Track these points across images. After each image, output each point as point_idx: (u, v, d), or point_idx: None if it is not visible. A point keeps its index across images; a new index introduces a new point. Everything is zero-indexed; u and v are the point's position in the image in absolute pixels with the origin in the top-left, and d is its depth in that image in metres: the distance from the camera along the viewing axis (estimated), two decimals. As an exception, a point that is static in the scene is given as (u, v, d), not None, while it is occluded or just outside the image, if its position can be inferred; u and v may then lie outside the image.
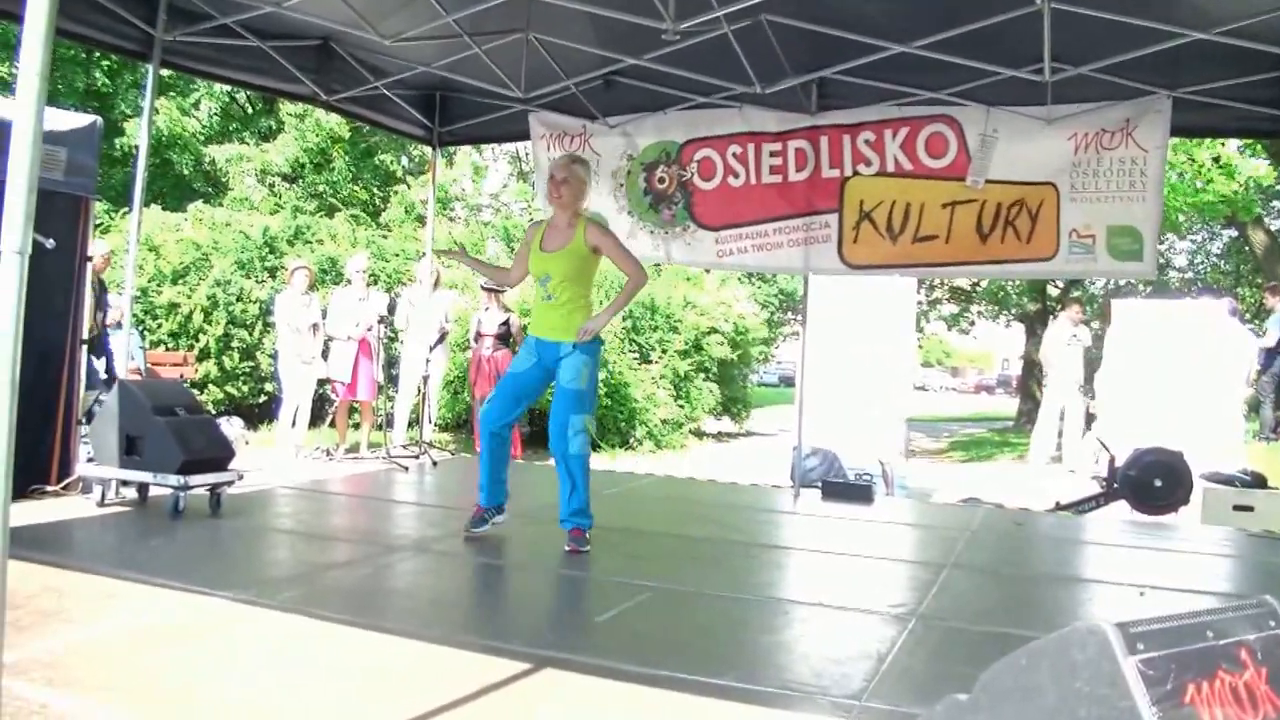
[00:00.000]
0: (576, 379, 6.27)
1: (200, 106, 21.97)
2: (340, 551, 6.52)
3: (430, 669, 4.11)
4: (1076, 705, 1.45)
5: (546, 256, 6.39)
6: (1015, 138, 8.45)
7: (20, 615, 4.49)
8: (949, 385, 73.32)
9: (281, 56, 8.78)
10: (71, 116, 7.61)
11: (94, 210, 8.14)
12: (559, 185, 6.40)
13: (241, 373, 15.11)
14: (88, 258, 7.85)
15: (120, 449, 7.04)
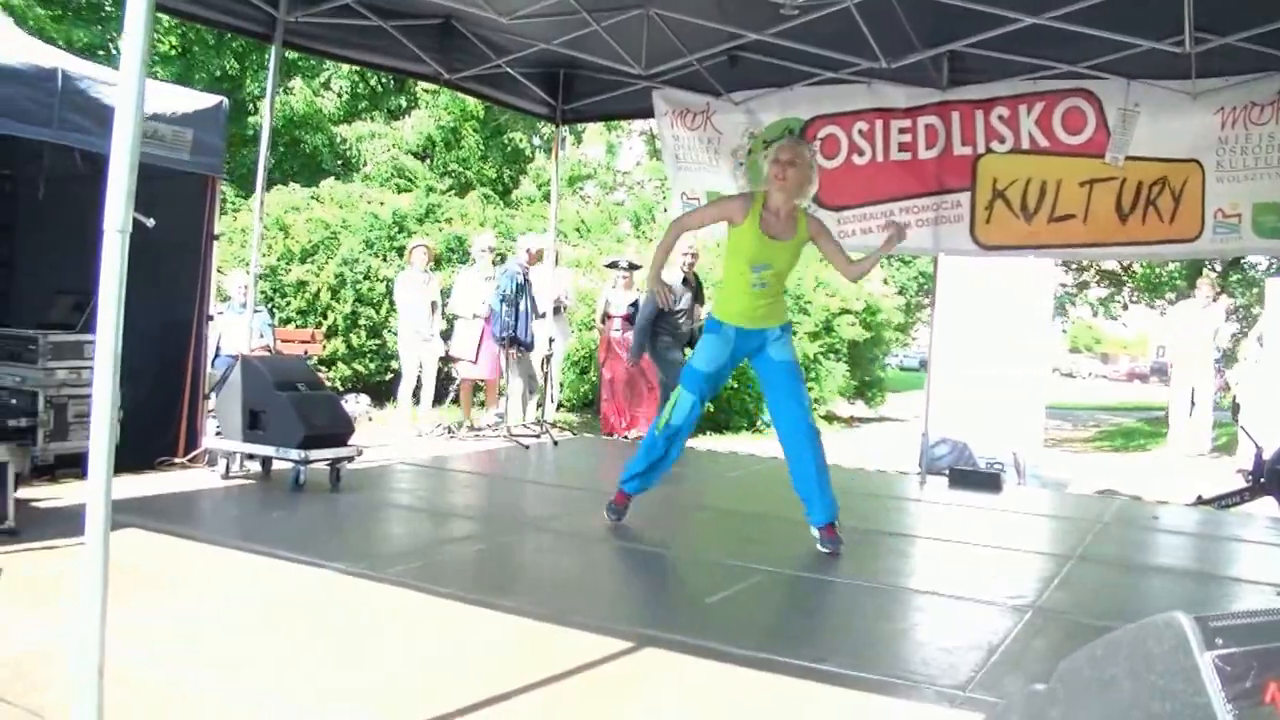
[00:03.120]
0: (794, 355, 6.12)
1: (331, 86, 22.33)
2: (456, 528, 6.60)
3: (537, 646, 4.12)
4: (1151, 699, 1.39)
5: (774, 245, 5.96)
6: (1158, 112, 8.09)
7: (144, 582, 4.64)
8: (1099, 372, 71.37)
9: (403, 36, 8.88)
10: (198, 97, 7.77)
11: (220, 190, 8.31)
12: (785, 167, 5.91)
13: (368, 350, 15.35)
14: (214, 236, 8.02)
15: (244, 423, 7.21)
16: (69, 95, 6.65)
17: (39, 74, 6.58)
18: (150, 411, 7.28)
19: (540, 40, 9.07)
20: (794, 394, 6.02)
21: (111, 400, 2.62)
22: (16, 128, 6.51)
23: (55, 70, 6.68)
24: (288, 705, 3.39)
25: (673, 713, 3.57)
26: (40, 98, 6.54)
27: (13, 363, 7.01)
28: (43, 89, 6.55)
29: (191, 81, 18.84)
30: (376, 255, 15.93)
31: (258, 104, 20.18)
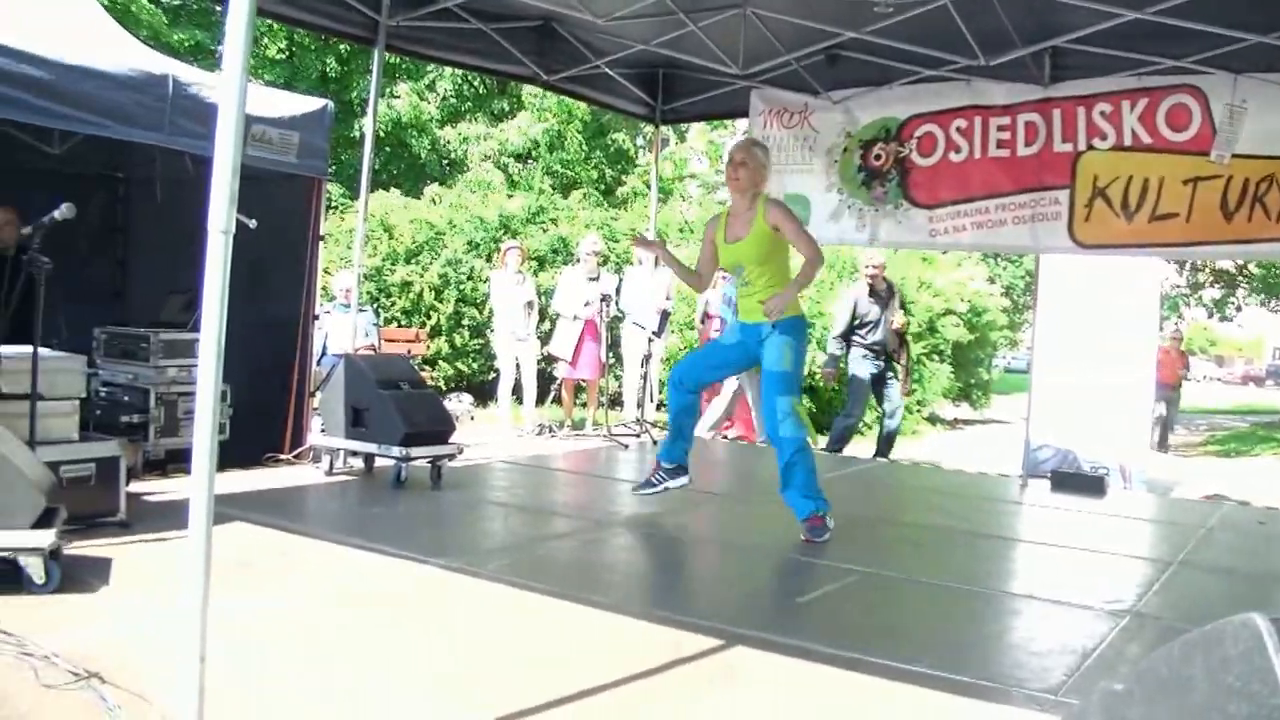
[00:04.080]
0: (780, 361, 6.07)
1: (435, 89, 22.62)
2: (552, 525, 6.67)
3: (629, 642, 4.16)
4: (1227, 701, 1.37)
5: (733, 248, 6.18)
6: (1266, 109, 7.86)
7: (249, 573, 4.78)
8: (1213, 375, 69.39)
9: (503, 38, 8.99)
10: (304, 101, 7.94)
11: (326, 191, 8.49)
12: (737, 168, 6.16)
13: (471, 350, 15.54)
14: (320, 237, 8.20)
15: (348, 421, 7.35)
16: (179, 100, 6.84)
17: (150, 80, 6.78)
18: (257, 409, 7.45)
19: (638, 41, 9.12)
20: (766, 401, 6.17)
21: (215, 394, 2.70)
22: (130, 133, 6.72)
23: (166, 76, 6.87)
24: (382, 693, 3.47)
25: (763, 710, 3.58)
26: (152, 103, 6.73)
27: (126, 360, 7.25)
28: (154, 94, 6.75)
29: (297, 84, 19.25)
30: (480, 256, 16.11)
31: (362, 107, 20.51)
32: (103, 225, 8.45)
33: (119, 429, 6.67)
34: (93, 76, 6.45)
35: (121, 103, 6.58)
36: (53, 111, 6.31)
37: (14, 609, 4.05)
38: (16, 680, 3.38)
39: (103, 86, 6.49)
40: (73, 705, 3.21)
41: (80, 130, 6.67)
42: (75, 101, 6.35)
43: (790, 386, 6.10)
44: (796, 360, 6.16)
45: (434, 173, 22.31)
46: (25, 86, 6.12)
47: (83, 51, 6.52)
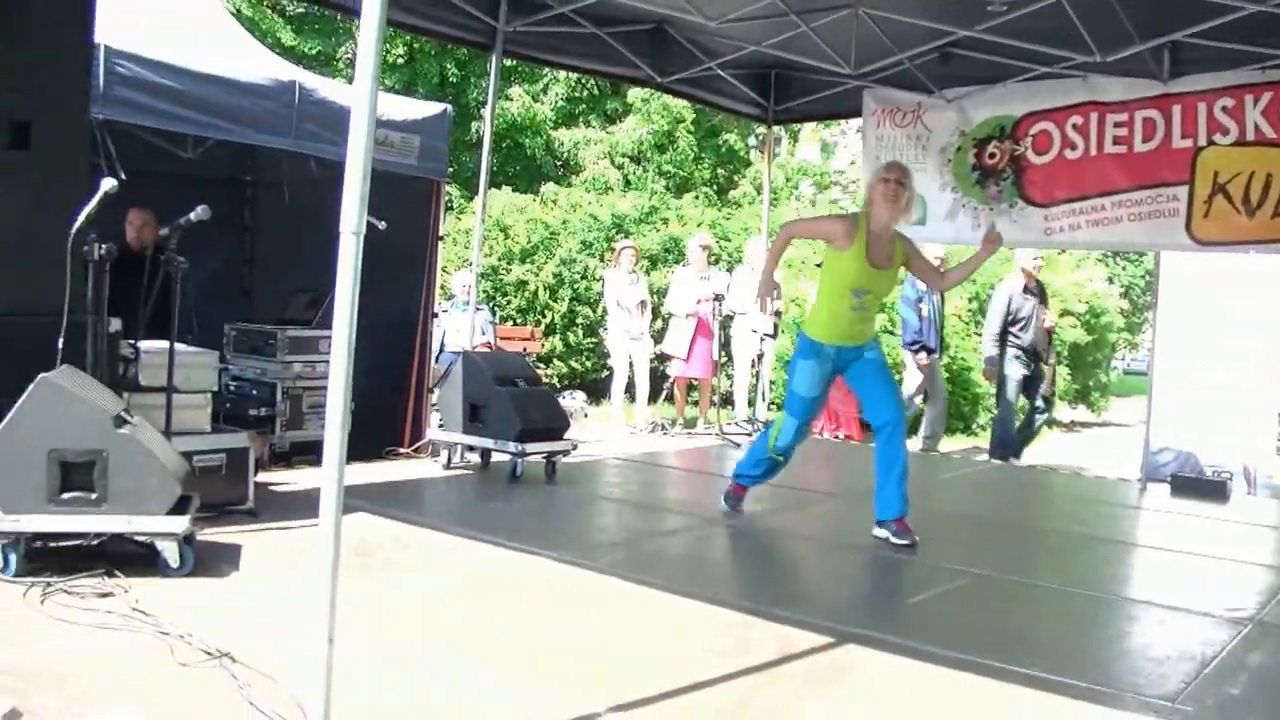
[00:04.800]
0: (882, 354, 6.16)
1: (548, 92, 22.84)
2: (663, 521, 6.77)
3: (739, 637, 4.22)
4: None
5: (877, 274, 5.96)
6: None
7: (369, 562, 4.95)
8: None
9: (617, 42, 9.10)
10: (425, 105, 8.15)
11: (445, 193, 8.69)
12: (898, 187, 5.89)
13: (585, 348, 15.67)
14: (439, 237, 8.40)
15: (465, 416, 7.52)
16: (305, 106, 7.09)
17: (278, 87, 7.03)
18: (378, 404, 7.67)
19: (750, 42, 9.17)
20: (887, 381, 6.12)
21: (345, 390, 2.82)
22: (259, 137, 6.99)
23: (293, 83, 7.12)
24: (497, 680, 3.59)
25: (872, 710, 3.62)
26: (279, 109, 6.99)
27: (254, 356, 7.52)
28: (281, 101, 7.01)
29: (416, 89, 19.60)
30: (594, 256, 16.26)
31: (479, 110, 20.80)
32: (232, 226, 8.74)
33: (247, 422, 6.92)
34: (225, 84, 6.73)
35: (251, 109, 6.85)
36: (187, 118, 6.61)
37: (151, 591, 4.27)
38: (154, 658, 3.57)
39: (234, 94, 6.76)
40: (205, 682, 3.38)
41: (212, 135, 6.96)
42: (208, 108, 6.63)
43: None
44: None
45: (548, 173, 22.53)
46: (163, 95, 6.41)
47: (216, 61, 6.80)
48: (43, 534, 4.47)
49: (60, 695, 3.20)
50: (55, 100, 5.01)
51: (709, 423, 11.22)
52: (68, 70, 5.12)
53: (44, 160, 4.94)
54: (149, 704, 3.19)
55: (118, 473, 4.43)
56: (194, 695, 3.28)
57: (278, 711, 3.12)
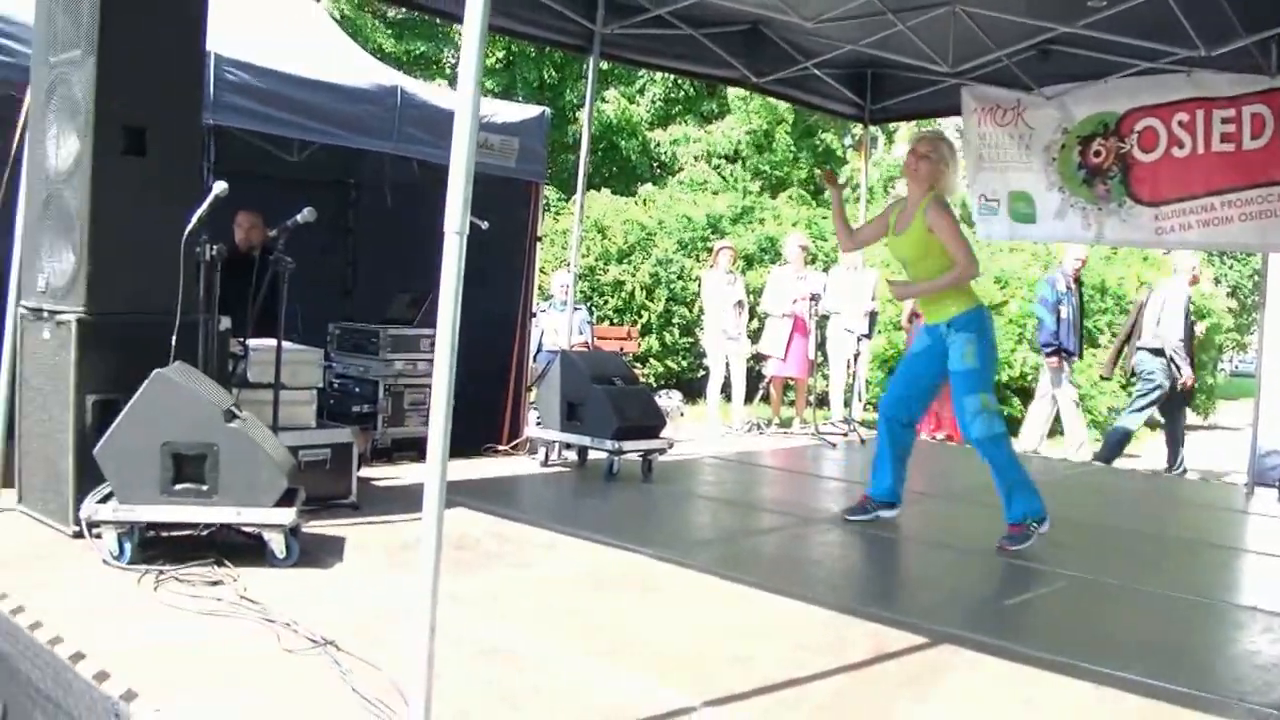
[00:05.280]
0: (962, 358, 5.87)
1: (645, 93, 22.93)
2: (759, 520, 6.79)
3: (833, 635, 4.23)
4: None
5: (896, 240, 6.09)
6: None
7: (468, 556, 5.05)
8: None
9: (712, 43, 9.14)
10: (523, 108, 8.27)
11: (543, 194, 8.80)
12: (918, 159, 5.94)
13: (681, 348, 15.74)
14: (537, 238, 8.52)
15: (562, 414, 7.62)
16: (407, 110, 7.26)
17: (381, 92, 7.20)
18: (478, 402, 7.79)
19: (846, 41, 9.15)
20: (955, 403, 5.96)
21: (448, 386, 2.90)
22: (362, 141, 7.17)
23: (395, 88, 7.28)
24: (592, 669, 3.65)
25: (967, 710, 3.60)
26: (382, 113, 7.17)
27: (357, 354, 7.70)
28: (384, 105, 7.18)
29: (515, 91, 19.80)
30: (690, 256, 16.31)
31: (576, 112, 20.95)
32: (335, 228, 8.94)
33: (350, 418, 7.09)
34: (329, 90, 6.91)
35: (355, 113, 7.02)
36: (293, 123, 6.80)
37: (258, 580, 4.40)
38: (261, 644, 3.68)
39: (338, 99, 6.94)
40: (309, 669, 3.47)
41: (317, 140, 7.14)
42: (313, 113, 6.82)
43: (976, 384, 5.89)
44: (982, 355, 5.90)
45: (644, 174, 22.63)
46: (270, 101, 6.61)
47: (321, 67, 6.98)
48: (156, 524, 4.63)
49: (173, 679, 3.31)
50: (169, 107, 5.17)
51: (805, 423, 11.20)
52: (181, 78, 5.28)
53: (159, 165, 5.11)
54: (257, 688, 3.29)
55: (228, 465, 4.58)
56: (299, 681, 3.38)
57: (380, 698, 3.21)
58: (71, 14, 5.04)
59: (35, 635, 3.64)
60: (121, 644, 3.59)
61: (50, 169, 5.19)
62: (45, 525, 5.13)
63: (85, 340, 4.92)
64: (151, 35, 5.05)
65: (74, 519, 4.81)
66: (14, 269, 5.54)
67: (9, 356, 5.51)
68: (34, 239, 5.33)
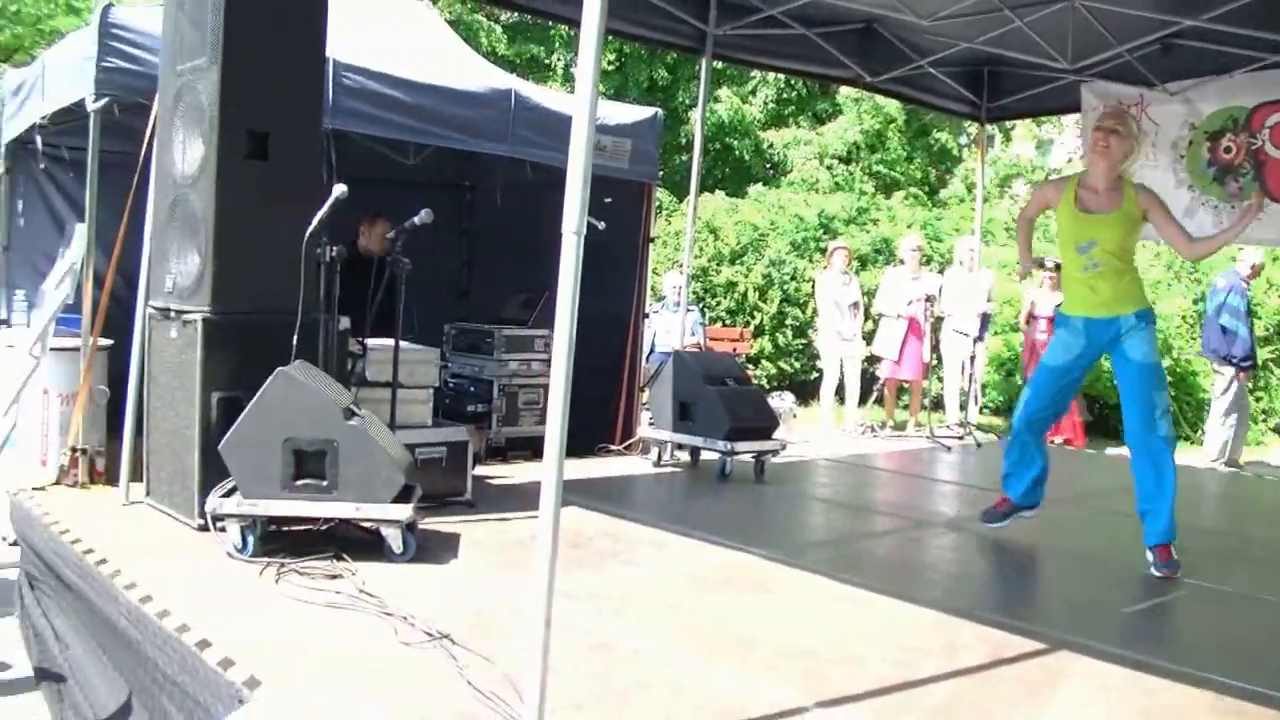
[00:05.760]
0: (1152, 353, 5.50)
1: (757, 94, 22.86)
2: (871, 522, 6.76)
3: (947, 640, 4.19)
4: None
5: (1091, 219, 5.50)
6: None
7: (581, 554, 5.09)
8: None
9: (825, 42, 9.10)
10: (636, 110, 8.30)
11: (655, 196, 8.84)
12: (1108, 135, 5.51)
13: (794, 349, 15.68)
14: (650, 239, 8.55)
15: (675, 415, 7.63)
16: (521, 113, 7.34)
17: (496, 95, 7.29)
18: (591, 402, 7.83)
19: (962, 39, 9.04)
20: (1136, 399, 5.48)
21: (566, 385, 2.93)
22: (477, 144, 7.26)
23: (509, 91, 7.37)
24: (703, 667, 3.66)
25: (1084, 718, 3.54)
26: (496, 116, 7.25)
27: (472, 354, 7.81)
28: (498, 109, 7.26)
29: (627, 93, 19.88)
30: (803, 257, 16.24)
31: (688, 113, 20.98)
32: (450, 229, 9.05)
33: (465, 417, 7.18)
34: (444, 94, 7.01)
35: (470, 117, 7.12)
36: (410, 126, 6.92)
37: (375, 574, 4.48)
38: (378, 637, 3.76)
39: (453, 102, 7.04)
40: (425, 661, 3.54)
41: (433, 143, 7.24)
42: (429, 117, 6.93)
43: (1162, 380, 5.57)
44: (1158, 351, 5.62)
45: (757, 175, 22.56)
46: (387, 105, 6.73)
47: (436, 71, 7.09)
48: (277, 518, 4.75)
49: (294, 668, 3.40)
50: (291, 112, 5.29)
51: (919, 426, 11.08)
52: (302, 84, 5.41)
53: (280, 169, 5.23)
54: (374, 679, 3.36)
55: (347, 462, 4.67)
56: (415, 673, 3.44)
57: (494, 691, 3.25)
58: (197, 24, 5.19)
59: (163, 623, 3.76)
60: (245, 633, 3.70)
61: (177, 173, 5.34)
62: (172, 518, 5.30)
63: (210, 339, 5.07)
64: (273, 43, 5.18)
65: (199, 512, 4.97)
66: (143, 270, 5.73)
67: (138, 355, 5.70)
68: (162, 241, 5.50)
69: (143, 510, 5.54)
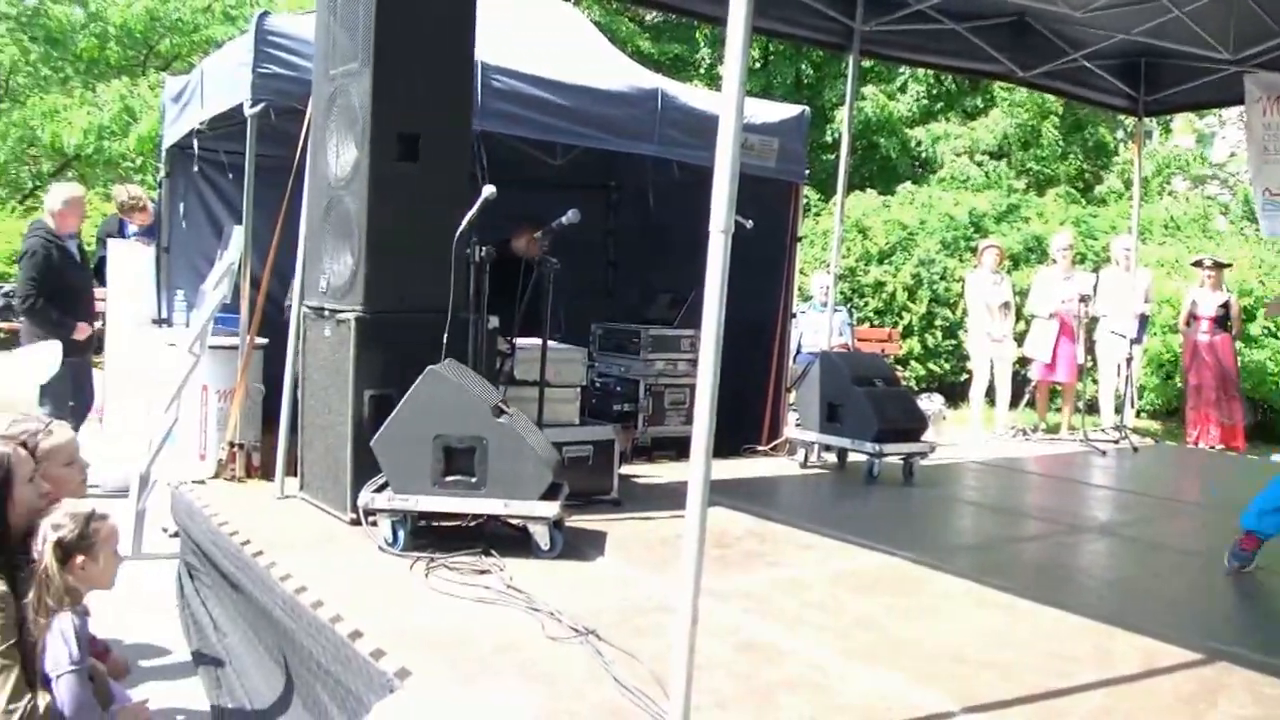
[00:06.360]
0: None
1: (906, 90, 22.56)
2: (1022, 526, 6.62)
3: (1097, 646, 4.08)
4: None
5: None
6: None
7: (728, 554, 5.08)
8: None
9: (975, 36, 8.92)
10: (783, 108, 8.26)
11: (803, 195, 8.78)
12: None
13: (943, 350, 15.44)
14: (797, 239, 8.50)
15: (822, 416, 7.56)
16: (667, 112, 7.35)
17: (642, 95, 7.32)
18: (737, 402, 7.82)
19: (1117, 30, 8.78)
20: None
21: (713, 384, 2.91)
22: (624, 144, 7.29)
23: (655, 91, 7.38)
24: (849, 668, 3.62)
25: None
26: (643, 116, 7.28)
27: (618, 354, 7.85)
28: (645, 108, 7.29)
29: (773, 91, 19.79)
30: (953, 256, 15.98)
31: (834, 111, 20.77)
32: (596, 229, 9.11)
33: (612, 416, 7.22)
34: (591, 94, 7.06)
35: (616, 117, 7.15)
36: (557, 127, 6.97)
37: (523, 570, 4.53)
38: (526, 631, 3.80)
39: (599, 102, 7.09)
40: (572, 657, 3.57)
41: (580, 143, 7.29)
42: (576, 117, 6.99)
43: None
44: None
45: (904, 173, 22.25)
46: (534, 106, 6.81)
47: (582, 71, 7.13)
48: (428, 513, 4.83)
49: (444, 659, 3.45)
50: (441, 115, 5.38)
51: (1073, 429, 10.81)
52: (452, 86, 5.49)
53: (431, 171, 5.32)
54: (522, 673, 3.40)
55: (496, 459, 4.72)
56: (562, 668, 3.47)
57: (639, 688, 3.26)
58: (349, 29, 5.30)
59: (317, 613, 3.85)
60: (396, 625, 3.77)
61: (331, 176, 5.47)
62: (325, 512, 5.43)
63: (363, 337, 5.17)
64: (424, 46, 5.26)
65: (351, 507, 5.08)
66: (297, 271, 5.88)
67: (293, 353, 5.85)
68: (316, 242, 5.64)
69: (297, 504, 5.69)
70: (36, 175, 23.86)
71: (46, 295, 7.73)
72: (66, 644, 3.21)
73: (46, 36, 21.84)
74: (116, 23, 21.69)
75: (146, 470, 6.20)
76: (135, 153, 20.35)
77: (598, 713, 3.15)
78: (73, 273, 8.05)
